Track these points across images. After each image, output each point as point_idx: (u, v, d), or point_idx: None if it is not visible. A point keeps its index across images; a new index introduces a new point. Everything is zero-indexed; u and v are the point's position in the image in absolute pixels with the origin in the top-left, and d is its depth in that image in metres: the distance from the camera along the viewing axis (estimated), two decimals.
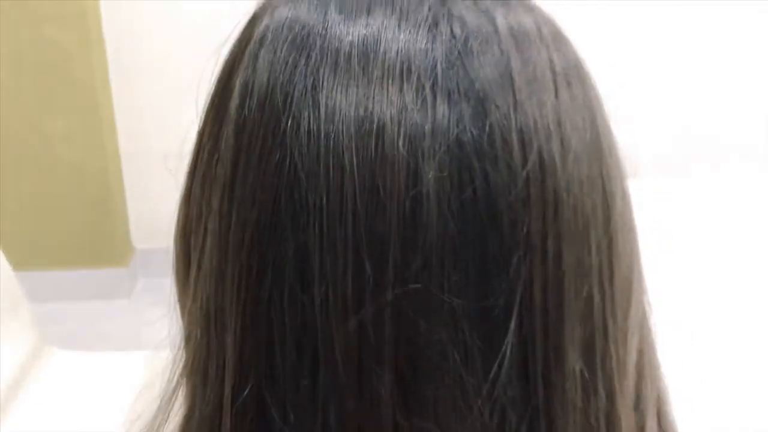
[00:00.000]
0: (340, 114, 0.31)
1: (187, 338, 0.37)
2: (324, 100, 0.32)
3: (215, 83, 0.37)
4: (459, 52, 0.32)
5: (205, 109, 0.37)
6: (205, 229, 0.35)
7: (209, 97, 0.37)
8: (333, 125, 0.31)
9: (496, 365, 0.32)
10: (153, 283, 2.38)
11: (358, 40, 0.32)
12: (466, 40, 0.32)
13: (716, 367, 0.99)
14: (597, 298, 0.33)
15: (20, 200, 2.21)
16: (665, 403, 0.40)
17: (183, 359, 0.38)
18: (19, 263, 1.26)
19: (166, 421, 0.39)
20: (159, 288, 2.29)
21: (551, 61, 0.34)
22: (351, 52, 0.32)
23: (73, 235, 2.30)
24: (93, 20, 2.16)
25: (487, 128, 0.31)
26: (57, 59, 2.13)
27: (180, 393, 0.39)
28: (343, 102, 0.31)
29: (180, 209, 0.39)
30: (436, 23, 0.33)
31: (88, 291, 2.31)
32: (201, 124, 0.37)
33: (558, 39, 0.35)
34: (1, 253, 1.25)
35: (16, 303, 1.26)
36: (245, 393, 0.33)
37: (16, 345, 1.25)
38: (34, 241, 2.21)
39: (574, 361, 0.33)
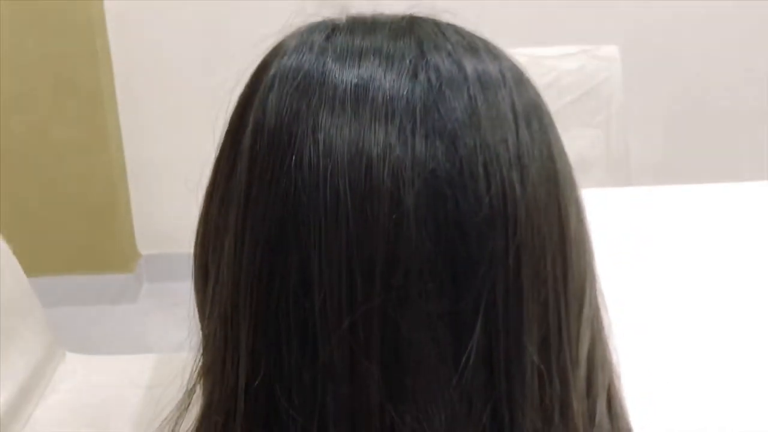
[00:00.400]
0: (335, 150, 0.37)
1: (206, 338, 0.42)
2: (322, 139, 0.37)
3: (230, 120, 0.43)
4: (434, 98, 0.38)
5: (221, 142, 0.43)
6: (222, 244, 0.40)
7: (224, 132, 0.43)
8: (330, 159, 0.37)
9: (464, 359, 0.37)
10: (157, 288, 2.39)
11: (350, 87, 0.38)
12: (441, 87, 0.38)
13: (698, 368, 1.00)
14: (552, 303, 0.39)
15: (28, 207, 2.22)
16: (615, 390, 0.45)
17: (201, 358, 0.43)
18: (27, 269, 1.29)
19: (187, 410, 0.44)
20: (163, 292, 2.30)
21: (513, 103, 0.39)
22: (345, 98, 0.38)
23: (80, 242, 2.30)
24: (99, 33, 2.17)
25: (457, 162, 0.37)
26: (64, 71, 2.14)
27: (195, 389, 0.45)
28: (338, 140, 0.37)
29: (198, 227, 0.44)
30: (415, 73, 0.38)
31: (95, 296, 2.32)
32: (217, 155, 0.43)
33: (519, 82, 0.41)
34: (15, 260, 1.28)
35: (30, 307, 1.29)
36: (257, 382, 0.38)
37: (31, 347, 1.26)
38: (42, 247, 2.21)
39: (532, 355, 0.38)
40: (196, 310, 0.45)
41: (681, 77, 2.36)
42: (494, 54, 0.41)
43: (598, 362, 0.43)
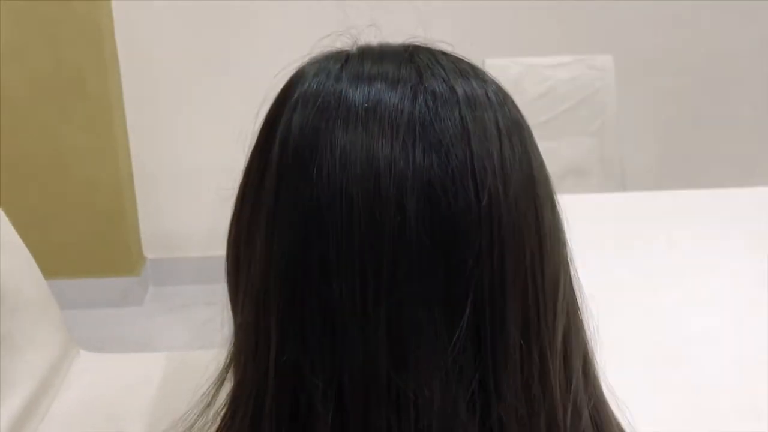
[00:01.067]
0: (350, 164, 0.44)
1: (239, 325, 0.49)
2: (338, 154, 0.44)
3: (258, 135, 0.49)
4: (431, 118, 0.44)
5: (250, 154, 0.50)
6: (254, 242, 0.47)
7: (253, 145, 0.49)
8: (345, 172, 0.44)
9: (456, 336, 0.44)
10: (163, 291, 2.43)
11: (362, 109, 0.45)
12: (436, 108, 0.45)
13: (693, 372, 1.03)
14: (531, 290, 0.46)
15: (36, 211, 2.24)
16: (590, 362, 0.52)
17: (233, 342, 0.50)
18: None
19: (218, 392, 0.51)
20: (168, 295, 2.30)
21: (497, 120, 0.46)
22: (357, 117, 0.45)
23: (88, 245, 2.33)
24: (108, 43, 2.20)
25: (450, 172, 0.43)
26: (74, 80, 2.17)
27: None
28: (352, 155, 0.44)
29: (230, 227, 0.51)
30: (415, 96, 0.45)
31: (102, 299, 2.35)
32: (246, 166, 0.50)
33: (503, 102, 0.48)
34: (34, 262, 1.33)
35: (47, 307, 1.33)
36: (285, 359, 0.45)
37: (48, 345, 1.31)
38: (49, 250, 2.15)
39: (514, 334, 0.45)
40: (229, 299, 0.51)
41: (673, 86, 2.40)
42: (482, 78, 0.48)
43: (573, 338, 0.49)
